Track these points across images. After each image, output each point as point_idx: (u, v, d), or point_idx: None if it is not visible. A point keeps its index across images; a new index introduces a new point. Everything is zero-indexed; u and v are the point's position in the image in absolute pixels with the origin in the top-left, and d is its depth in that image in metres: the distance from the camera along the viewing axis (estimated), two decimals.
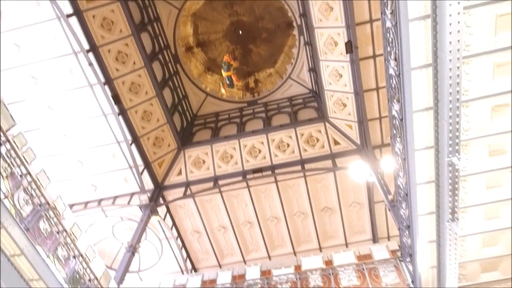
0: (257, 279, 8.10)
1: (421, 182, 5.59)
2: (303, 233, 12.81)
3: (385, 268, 7.55)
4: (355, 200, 12.16)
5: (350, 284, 7.47)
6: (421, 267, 6.49)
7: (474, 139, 5.14)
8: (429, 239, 6.20)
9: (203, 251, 13.00)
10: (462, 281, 6.57)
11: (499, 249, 6.29)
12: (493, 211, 5.85)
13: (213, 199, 12.12)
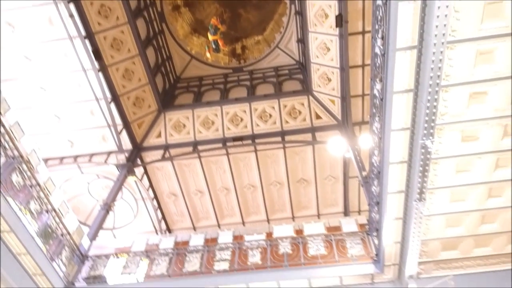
0: (229, 243, 8.30)
1: (394, 162, 5.75)
2: (278, 202, 13.11)
3: (352, 241, 7.86)
4: (330, 174, 12.44)
5: (317, 253, 7.76)
6: (386, 241, 6.79)
7: (449, 124, 5.26)
8: (396, 216, 6.46)
9: (178, 213, 13.18)
10: (423, 257, 6.93)
11: (460, 230, 6.62)
12: (459, 194, 6.11)
13: (191, 164, 12.17)
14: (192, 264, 7.93)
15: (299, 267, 7.58)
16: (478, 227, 6.59)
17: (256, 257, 7.98)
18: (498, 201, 6.23)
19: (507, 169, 5.84)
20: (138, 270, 8.12)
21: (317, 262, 7.58)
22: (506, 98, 5.09)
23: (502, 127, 5.36)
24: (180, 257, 8.19)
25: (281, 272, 7.53)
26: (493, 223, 6.55)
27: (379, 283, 7.41)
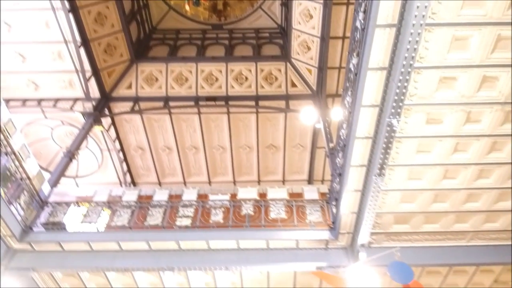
0: (193, 201, 8.43)
1: (360, 137, 5.90)
2: (245, 165, 13.29)
3: (312, 208, 8.18)
4: (299, 142, 12.66)
5: (278, 216, 8.04)
6: (343, 211, 7.10)
7: (417, 105, 5.42)
8: (356, 188, 6.73)
9: (144, 167, 13.11)
10: (376, 228, 7.33)
11: (413, 206, 7.00)
12: (416, 173, 6.41)
13: (161, 119, 11.99)
14: (154, 218, 8.02)
15: (259, 229, 7.85)
16: (430, 205, 6.98)
17: (219, 216, 8.17)
18: (452, 183, 6.60)
19: (464, 154, 6.16)
20: (99, 220, 8.13)
21: (276, 225, 7.86)
22: (473, 86, 5.28)
23: (466, 113, 5.58)
24: (142, 211, 8.25)
25: (242, 232, 7.77)
26: (444, 202, 6.96)
27: (332, 249, 7.82)
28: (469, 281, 8.79)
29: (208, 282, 8.75)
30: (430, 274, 8.58)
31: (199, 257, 7.71)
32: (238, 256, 7.73)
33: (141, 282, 8.73)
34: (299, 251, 7.80)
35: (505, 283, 8.91)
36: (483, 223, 7.34)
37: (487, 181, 6.58)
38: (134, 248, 7.85)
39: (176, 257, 7.70)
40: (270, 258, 7.70)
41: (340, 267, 7.46)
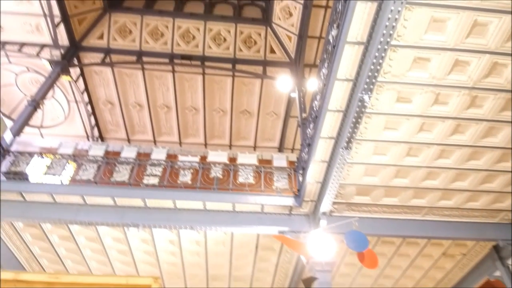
0: (162, 160, 8.39)
1: (332, 109, 5.99)
2: (218, 128, 13.23)
3: (279, 175, 8.36)
4: (273, 110, 12.68)
5: (246, 181, 8.18)
6: (309, 180, 7.31)
7: (389, 83, 5.52)
8: (323, 159, 6.91)
9: (113, 122, 12.79)
10: (338, 198, 7.62)
11: (376, 180, 7.30)
12: (382, 148, 6.63)
13: (133, 74, 11.59)
14: (121, 175, 7.96)
15: (226, 192, 7.97)
16: (391, 180, 7.30)
17: (187, 177, 8.21)
18: (414, 160, 6.89)
19: (428, 134, 6.40)
20: (64, 172, 7.97)
21: (244, 189, 8.00)
22: (445, 69, 5.41)
23: (434, 95, 5.76)
24: (109, 167, 8.15)
25: (209, 194, 7.87)
26: (405, 178, 7.29)
27: (296, 215, 8.10)
28: (420, 252, 9.42)
29: (173, 240, 8.92)
30: (385, 243, 9.11)
31: (165, 215, 7.80)
32: (204, 217, 7.88)
33: (105, 236, 8.78)
34: (264, 215, 8.03)
35: (452, 256, 9.62)
36: (439, 200, 7.78)
37: (447, 161, 6.92)
38: (99, 203, 7.82)
39: (141, 214, 7.75)
40: (235, 220, 7.89)
41: (301, 233, 7.78)
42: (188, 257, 9.46)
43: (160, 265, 9.73)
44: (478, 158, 6.89)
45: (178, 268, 9.90)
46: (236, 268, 9.92)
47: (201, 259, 9.53)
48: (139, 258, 9.52)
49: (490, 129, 6.37)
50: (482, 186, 7.46)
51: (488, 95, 5.78)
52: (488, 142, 6.58)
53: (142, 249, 9.22)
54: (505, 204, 7.89)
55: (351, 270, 10.04)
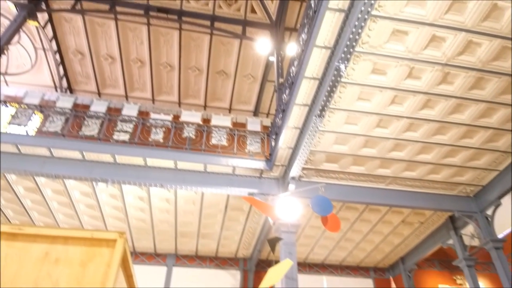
0: (133, 117, 8.22)
1: (308, 76, 5.98)
2: (193, 88, 12.98)
3: (253, 139, 8.41)
4: (251, 72, 12.51)
5: (218, 143, 8.20)
6: (281, 145, 7.41)
7: (366, 54, 5.53)
8: (296, 125, 6.98)
9: (83, 74, 12.27)
10: (308, 164, 7.80)
11: (345, 148, 7.48)
12: (353, 118, 6.75)
13: (106, 24, 11.01)
14: (90, 129, 7.77)
15: (198, 152, 7.97)
16: (360, 149, 7.50)
17: (159, 136, 8.12)
18: (383, 132, 7.08)
19: (399, 107, 6.55)
20: (29, 123, 7.69)
21: (216, 151, 8.03)
22: (421, 43, 5.46)
23: (409, 68, 5.83)
24: (78, 120, 7.92)
25: (181, 154, 7.85)
26: (373, 148, 7.51)
27: (266, 178, 8.26)
28: (381, 218, 9.92)
29: (142, 197, 8.95)
30: (349, 209, 9.51)
31: (135, 172, 7.76)
32: (175, 176, 7.90)
33: (72, 190, 8.68)
34: (235, 177, 8.14)
35: (411, 224, 10.19)
36: (403, 171, 8.11)
37: (414, 134, 7.15)
38: (66, 156, 7.66)
39: (110, 170, 7.67)
40: (206, 180, 7.97)
41: (270, 195, 7.98)
42: (158, 214, 9.57)
43: (129, 220, 9.80)
44: (443, 133, 7.16)
45: (147, 224, 10.02)
46: (204, 226, 10.15)
47: (171, 216, 9.66)
48: (108, 213, 9.54)
49: (458, 106, 6.59)
50: (444, 160, 7.81)
51: (460, 72, 5.93)
52: (454, 119, 6.82)
53: (111, 204, 9.22)
54: (465, 178, 8.33)
55: (316, 232, 10.49)
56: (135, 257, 11.27)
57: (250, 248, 11.26)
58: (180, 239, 10.79)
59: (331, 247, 11.34)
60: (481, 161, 7.87)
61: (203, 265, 11.55)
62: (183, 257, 11.55)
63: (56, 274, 2.00)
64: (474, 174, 8.24)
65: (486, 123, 6.94)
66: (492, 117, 6.83)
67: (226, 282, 11.40)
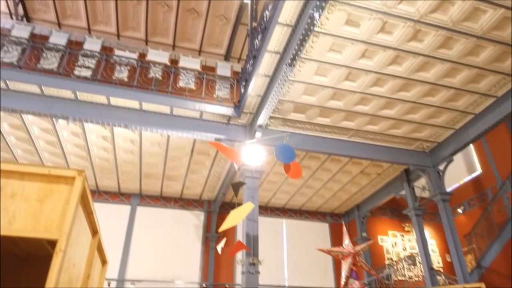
0: (96, 52, 7.78)
1: (282, 22, 5.81)
2: (161, 25, 12.30)
3: (222, 84, 8.27)
4: (224, 13, 11.96)
5: (186, 86, 8.01)
6: (250, 92, 7.35)
7: (341, 3, 5.41)
8: (266, 73, 6.90)
9: (41, 1, 11.25)
10: (275, 113, 7.85)
11: (313, 99, 7.55)
12: (324, 70, 6.76)
13: None
14: (49, 62, 7.30)
15: (165, 94, 7.77)
16: (327, 101, 7.60)
17: (123, 74, 7.81)
18: (351, 85, 7.16)
19: (369, 61, 6.59)
20: None
21: (183, 94, 7.86)
22: None
23: (382, 22, 5.80)
24: (36, 51, 7.41)
25: (147, 95, 7.63)
26: (340, 101, 7.63)
27: (233, 125, 8.28)
28: (341, 168, 10.36)
29: (106, 136, 8.77)
30: (312, 158, 9.83)
31: (97, 111, 7.51)
32: (140, 117, 7.73)
33: (31, 125, 8.35)
34: (202, 122, 8.09)
35: (368, 175, 10.74)
36: (366, 124, 8.36)
37: (380, 89, 7.30)
38: (24, 90, 7.25)
39: (71, 107, 7.38)
40: (173, 124, 7.87)
41: (236, 142, 8.05)
42: (122, 154, 9.47)
43: (92, 159, 9.67)
44: (408, 90, 7.36)
45: (110, 164, 9.94)
46: (170, 168, 10.21)
47: (135, 157, 9.61)
48: (69, 151, 9.33)
49: (424, 64, 6.72)
50: (406, 116, 8.11)
51: (430, 30, 5.97)
52: (420, 76, 6.99)
53: (73, 142, 9.00)
54: (423, 134, 8.73)
55: (279, 178, 10.86)
56: (99, 195, 11.29)
57: (215, 191, 11.55)
58: (145, 180, 10.85)
59: (292, 193, 11.84)
60: (439, 119, 8.24)
61: (167, 205, 11.79)
62: (148, 197, 11.70)
63: (12, 208, 1.98)
64: (432, 131, 8.65)
65: (449, 83, 7.18)
66: (456, 77, 7.06)
67: (190, 223, 11.78)
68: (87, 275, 2.50)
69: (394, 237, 12.95)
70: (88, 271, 2.52)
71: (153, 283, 10.36)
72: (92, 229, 2.54)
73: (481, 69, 6.84)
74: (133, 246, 10.86)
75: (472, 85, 7.24)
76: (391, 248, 12.69)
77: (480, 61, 6.67)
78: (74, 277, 2.17)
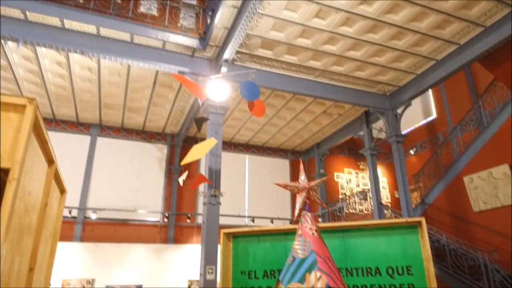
0: None
1: None
2: None
3: (187, 12, 7.82)
4: None
5: (148, 12, 7.52)
6: (217, 24, 7.03)
7: None
8: (234, 4, 6.56)
9: None
10: (242, 48, 7.64)
11: (281, 36, 7.37)
12: (294, 5, 6.53)
13: None
14: None
15: (124, 20, 7.27)
16: (296, 39, 7.45)
17: None
18: (321, 23, 7.03)
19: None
20: None
21: (145, 20, 7.40)
22: None
23: None
24: None
25: (104, 19, 7.10)
26: (308, 39, 7.51)
27: (198, 57, 8.01)
28: (305, 108, 10.53)
29: (61, 62, 8.24)
30: (277, 97, 9.86)
31: (51, 33, 6.95)
32: (97, 43, 7.27)
33: None
34: (165, 52, 7.75)
35: (330, 115, 11.01)
36: (332, 65, 8.38)
37: (349, 29, 7.22)
38: None
39: (21, 28, 6.77)
40: (133, 52, 7.49)
41: (200, 76, 7.86)
42: (79, 82, 9.02)
43: (47, 86, 9.15)
44: (376, 32, 7.34)
45: (67, 92, 9.48)
46: (131, 100, 9.91)
47: (94, 86, 9.19)
48: (22, 76, 8.75)
49: (395, 6, 6.66)
50: (371, 59, 8.18)
51: None
52: (389, 18, 6.95)
53: (25, 67, 8.41)
54: (386, 77, 8.92)
55: (243, 115, 10.90)
56: (56, 124, 10.90)
57: (179, 125, 11.47)
58: (105, 110, 10.52)
59: (256, 130, 12.01)
60: (403, 64, 8.39)
61: (129, 137, 11.64)
62: (108, 128, 11.45)
63: None
64: (394, 75, 8.84)
65: (416, 27, 7.21)
66: (423, 21, 7.08)
67: (153, 155, 11.79)
68: (44, 203, 2.50)
69: (349, 174, 13.75)
70: (45, 200, 2.52)
71: (115, 212, 10.55)
72: (47, 158, 2.49)
73: (448, 15, 6.89)
74: (95, 176, 10.83)
75: (438, 31, 7.33)
76: (345, 184, 13.52)
77: (448, 7, 6.70)
78: (31, 205, 2.17)
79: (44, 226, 2.50)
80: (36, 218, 2.33)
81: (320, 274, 2.59)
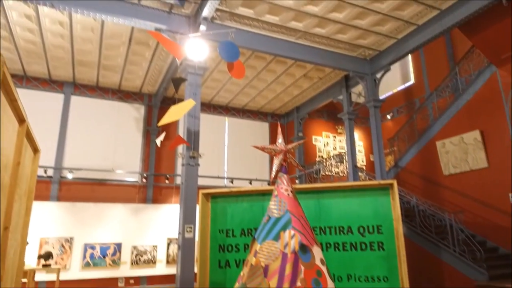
0: None
1: None
2: None
3: None
4: None
5: None
6: None
7: None
8: None
9: None
10: (222, 6, 7.36)
11: None
12: None
13: None
14: None
15: None
16: None
17: None
18: None
19: None
20: None
21: None
22: None
23: None
24: None
25: None
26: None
27: (176, 14, 7.69)
28: (285, 70, 10.43)
29: (30, 15, 7.77)
30: (257, 58, 9.70)
31: None
32: None
33: None
34: (140, 7, 7.39)
35: (311, 78, 10.97)
36: (314, 27, 8.24)
37: None
38: None
39: None
40: (107, 7, 7.10)
41: (178, 34, 7.59)
42: (50, 37, 8.57)
43: (15, 40, 8.67)
44: None
45: (38, 47, 9.02)
46: (106, 57, 9.55)
47: (66, 42, 8.77)
48: None
49: None
50: (353, 22, 8.08)
51: None
52: None
53: None
54: (367, 41, 8.87)
55: (223, 77, 10.73)
56: (27, 81, 10.46)
57: (156, 85, 11.21)
58: (79, 68, 10.13)
59: (236, 92, 11.88)
60: (384, 28, 8.34)
61: (105, 96, 11.32)
62: (82, 86, 11.08)
63: None
64: (376, 39, 8.80)
65: None
66: None
67: (129, 115, 11.57)
68: (16, 162, 2.45)
69: (327, 138, 13.97)
70: (17, 159, 2.46)
71: (93, 172, 10.46)
72: (18, 117, 2.41)
73: None
74: (70, 135, 10.59)
75: None
76: (323, 147, 13.76)
77: None
78: (3, 165, 2.12)
79: (17, 185, 2.47)
80: (8, 178, 2.29)
81: (294, 232, 2.70)
